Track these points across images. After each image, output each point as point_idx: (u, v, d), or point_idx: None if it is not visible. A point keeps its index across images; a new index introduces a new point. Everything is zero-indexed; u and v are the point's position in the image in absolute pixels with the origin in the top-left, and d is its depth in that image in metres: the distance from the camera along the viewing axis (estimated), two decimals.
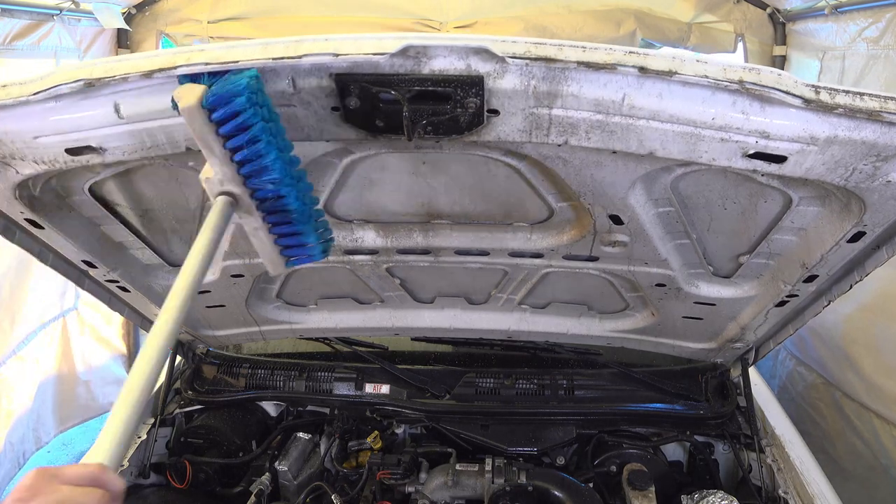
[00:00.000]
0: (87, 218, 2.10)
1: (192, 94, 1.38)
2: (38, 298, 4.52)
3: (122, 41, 5.18)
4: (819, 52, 4.51)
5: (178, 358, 3.18)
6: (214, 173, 1.52)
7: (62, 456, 5.38)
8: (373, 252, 2.40)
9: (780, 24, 5.08)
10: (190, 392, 3.11)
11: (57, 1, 4.30)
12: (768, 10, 5.10)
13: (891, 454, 3.68)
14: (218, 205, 1.54)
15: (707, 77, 1.35)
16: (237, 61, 1.37)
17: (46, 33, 4.28)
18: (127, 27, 4.99)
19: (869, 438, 3.84)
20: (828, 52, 4.40)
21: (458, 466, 2.75)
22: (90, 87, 1.43)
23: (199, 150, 1.64)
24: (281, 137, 1.48)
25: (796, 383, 4.60)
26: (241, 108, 1.38)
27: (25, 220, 1.94)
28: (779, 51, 5.08)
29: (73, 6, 4.41)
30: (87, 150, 1.61)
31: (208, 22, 5.13)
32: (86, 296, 2.53)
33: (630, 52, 1.34)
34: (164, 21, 5.21)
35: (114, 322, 5.52)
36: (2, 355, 4.17)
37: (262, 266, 2.43)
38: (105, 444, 1.24)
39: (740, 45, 5.22)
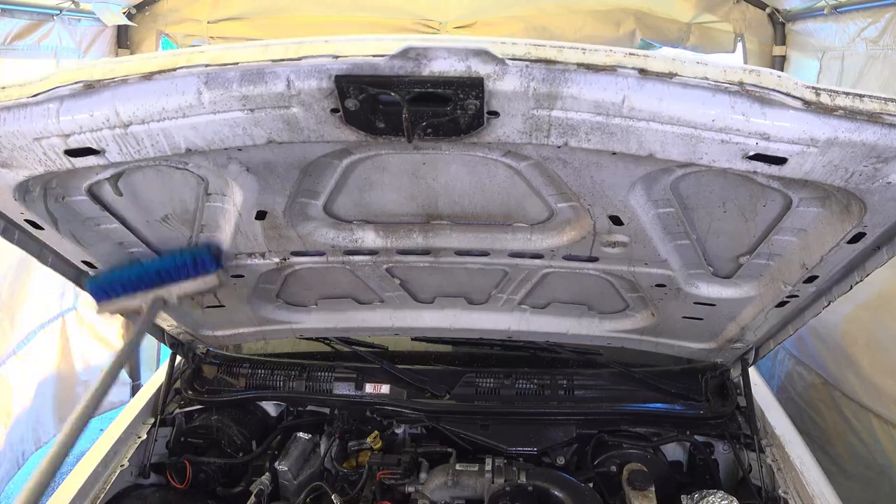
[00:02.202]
0: (86, 218, 2.09)
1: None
2: (38, 299, 4.52)
3: (122, 41, 5.18)
4: (818, 53, 4.51)
5: (178, 358, 3.18)
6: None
7: None
8: (373, 252, 2.40)
9: (780, 24, 5.08)
10: (190, 392, 3.12)
11: (57, 1, 4.30)
12: (768, 10, 5.10)
13: (889, 454, 3.68)
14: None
15: (707, 79, 1.35)
16: (237, 63, 1.37)
17: (47, 33, 4.28)
18: (129, 23, 4.99)
19: (867, 438, 3.84)
20: (827, 53, 4.40)
21: (458, 466, 2.75)
22: (89, 88, 1.43)
23: (199, 151, 1.65)
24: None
25: (795, 383, 4.60)
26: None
27: (25, 220, 1.94)
28: (778, 51, 5.09)
29: (73, 6, 4.42)
30: (86, 151, 1.61)
31: (208, 22, 5.13)
32: (85, 296, 2.53)
33: (630, 54, 1.34)
34: (164, 21, 5.21)
35: (113, 322, 5.52)
36: (2, 355, 4.17)
37: (263, 266, 2.45)
38: None
39: (740, 45, 5.23)
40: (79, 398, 5.05)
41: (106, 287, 2.27)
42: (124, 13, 4.97)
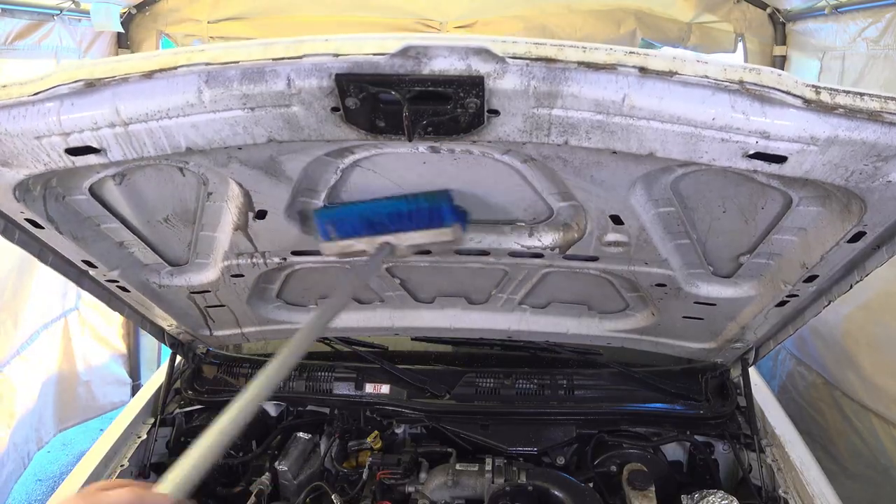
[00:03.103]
0: (87, 217, 2.09)
1: None
2: (41, 299, 4.52)
3: (122, 41, 5.18)
4: (819, 52, 4.51)
5: (178, 358, 3.18)
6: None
7: (62, 456, 5.39)
8: None
9: (780, 24, 5.08)
10: (190, 392, 3.12)
11: (57, 1, 4.30)
12: (768, 10, 5.10)
13: (890, 454, 3.68)
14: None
15: (707, 77, 1.35)
16: (238, 62, 1.38)
17: (47, 33, 4.28)
18: (121, 30, 4.98)
19: (869, 438, 3.84)
20: (828, 52, 4.40)
21: (458, 466, 2.75)
22: (90, 87, 1.43)
23: (199, 150, 1.65)
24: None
25: (797, 383, 4.60)
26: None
27: (25, 220, 1.94)
28: (779, 51, 5.09)
29: (73, 6, 4.42)
30: (87, 150, 1.60)
31: (208, 22, 5.13)
32: (87, 296, 2.54)
33: (630, 53, 1.34)
34: (164, 21, 5.21)
35: (114, 322, 5.53)
36: (5, 356, 4.17)
37: (262, 266, 2.45)
38: (175, 475, 1.36)
39: (740, 45, 5.23)
40: (80, 398, 5.09)
41: (334, 221, 2.08)
42: (124, 13, 4.97)
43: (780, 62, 5.06)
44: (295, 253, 2.40)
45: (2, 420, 4.14)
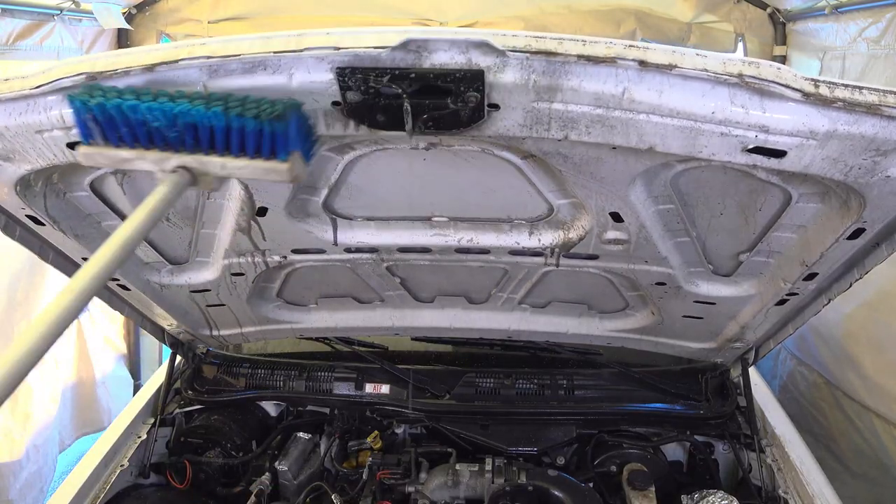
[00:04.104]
0: (88, 214, 2.09)
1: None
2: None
3: (123, 41, 5.19)
4: (819, 52, 4.52)
5: (178, 358, 3.18)
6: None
7: (62, 456, 5.37)
8: (373, 250, 2.40)
9: (781, 24, 5.09)
10: (190, 392, 3.11)
11: (58, 1, 4.31)
12: (768, 10, 5.11)
13: (892, 454, 3.68)
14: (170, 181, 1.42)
15: (707, 70, 1.35)
16: (239, 55, 1.38)
17: (48, 33, 4.29)
18: (127, 26, 4.99)
19: (870, 437, 3.84)
20: (828, 52, 4.40)
21: (458, 466, 2.75)
22: (93, 80, 1.43)
23: None
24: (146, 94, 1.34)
25: (798, 383, 4.60)
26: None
27: (26, 216, 1.94)
28: (779, 51, 5.09)
29: (73, 6, 4.42)
30: None
31: (209, 22, 5.14)
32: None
33: (630, 46, 1.35)
34: (165, 21, 5.22)
35: (116, 322, 5.53)
36: None
37: (263, 264, 2.45)
38: None
39: (740, 45, 5.23)
40: (100, 400, 5.08)
41: (101, 118, 1.39)
42: (124, 13, 4.98)
43: (781, 62, 5.05)
44: (295, 251, 2.40)
45: (17, 422, 4.13)
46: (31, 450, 4.21)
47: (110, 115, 1.37)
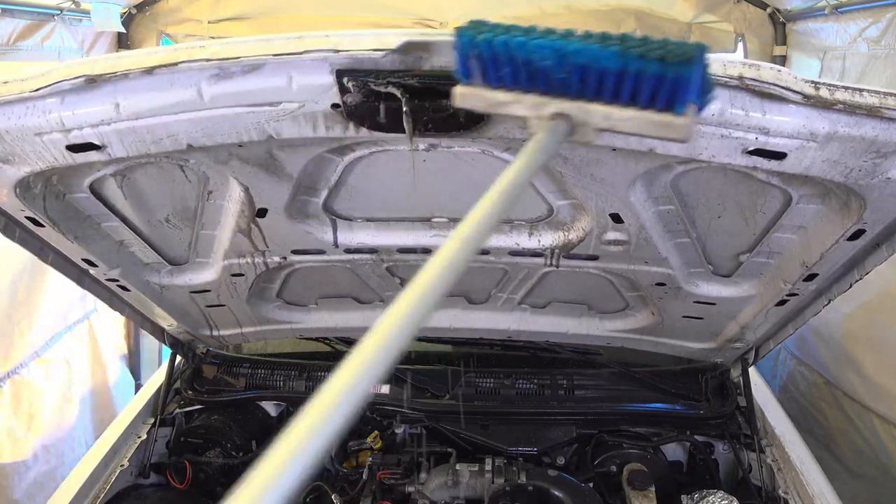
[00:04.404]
0: (87, 216, 2.09)
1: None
2: (58, 300, 4.50)
3: (123, 42, 5.18)
4: (819, 52, 4.51)
5: (178, 358, 3.18)
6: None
7: None
8: (373, 251, 2.40)
9: (781, 24, 5.08)
10: (190, 392, 3.11)
11: (58, 1, 4.30)
12: (768, 10, 5.10)
13: (892, 454, 3.68)
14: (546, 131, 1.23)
15: None
16: (238, 57, 1.38)
17: (49, 33, 4.28)
18: (123, 30, 4.98)
19: (870, 438, 3.84)
20: (828, 52, 4.39)
21: (457, 466, 2.75)
22: (92, 83, 1.43)
23: (200, 147, 1.65)
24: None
25: (798, 383, 4.59)
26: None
27: (26, 217, 1.94)
28: (779, 51, 5.08)
29: (73, 6, 4.42)
30: (88, 147, 1.61)
31: (209, 22, 5.13)
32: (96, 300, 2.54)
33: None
34: (165, 21, 5.21)
35: (118, 322, 5.52)
36: (22, 357, 4.15)
37: (263, 265, 2.45)
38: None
39: (740, 45, 5.23)
40: (113, 400, 5.06)
41: (485, 57, 1.25)
42: (124, 13, 4.97)
43: (781, 62, 5.05)
44: (295, 252, 2.40)
45: (21, 421, 4.12)
46: (40, 450, 4.19)
47: (496, 51, 1.23)
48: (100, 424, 4.86)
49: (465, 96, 1.30)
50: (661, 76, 1.13)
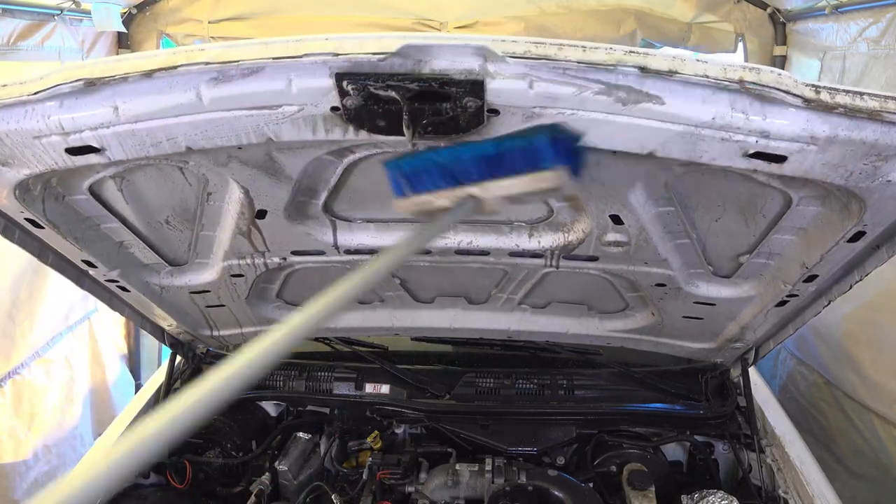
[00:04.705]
0: (87, 217, 2.09)
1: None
2: (60, 300, 4.50)
3: (123, 41, 5.17)
4: (819, 52, 4.50)
5: (178, 358, 3.18)
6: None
7: None
8: (373, 252, 2.40)
9: (781, 24, 5.07)
10: None
11: (58, 1, 4.29)
12: (769, 10, 5.09)
13: (892, 454, 3.68)
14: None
15: (707, 77, 1.35)
16: (237, 61, 1.38)
17: (49, 34, 4.27)
18: (123, 30, 4.98)
19: (870, 437, 3.84)
20: (828, 53, 4.39)
21: (457, 466, 2.75)
22: (91, 86, 1.43)
23: (199, 149, 1.65)
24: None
25: (798, 383, 4.60)
26: None
27: (25, 219, 1.94)
28: (779, 51, 5.08)
29: (73, 6, 4.41)
30: (87, 149, 1.61)
31: (209, 22, 5.12)
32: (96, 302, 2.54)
33: (630, 52, 1.34)
34: (165, 21, 5.20)
35: (118, 322, 5.53)
36: (23, 357, 4.16)
37: (262, 265, 2.45)
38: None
39: (740, 45, 5.22)
40: (113, 400, 5.07)
41: (408, 174, 1.71)
42: (124, 13, 4.96)
43: (781, 62, 5.05)
44: (295, 253, 2.40)
45: (22, 422, 4.12)
46: (42, 450, 4.19)
47: (418, 170, 1.68)
48: (99, 424, 4.86)
49: (401, 205, 1.75)
50: (524, 151, 1.54)
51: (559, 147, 1.54)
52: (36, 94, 1.44)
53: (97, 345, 5.00)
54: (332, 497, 2.65)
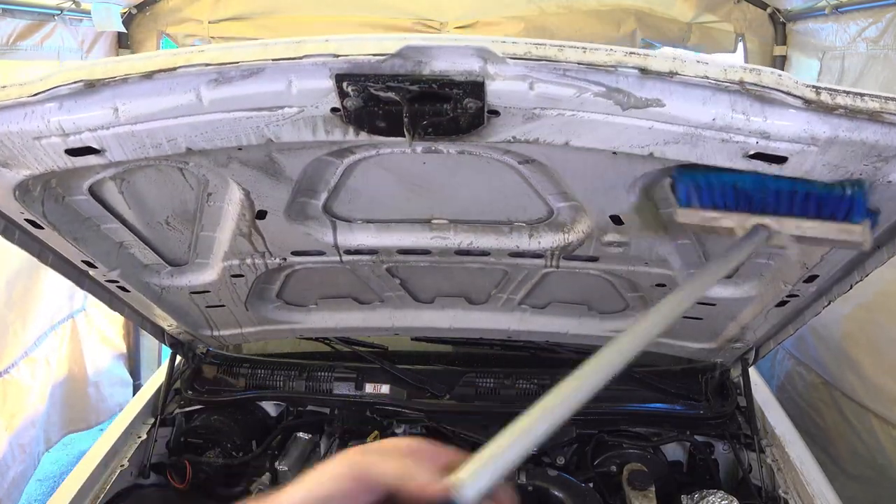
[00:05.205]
0: (87, 218, 2.09)
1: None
2: (50, 299, 4.51)
3: (123, 41, 5.18)
4: (819, 53, 4.51)
5: (178, 358, 3.18)
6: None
7: (62, 456, 5.39)
8: (373, 252, 2.40)
9: (781, 24, 5.08)
10: (190, 392, 3.11)
11: (58, 1, 4.30)
12: (769, 10, 5.10)
13: (890, 454, 3.68)
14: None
15: (707, 78, 1.35)
16: (237, 62, 1.37)
17: (49, 34, 4.28)
18: (123, 30, 4.98)
19: (868, 439, 3.84)
20: (827, 53, 4.39)
21: None
22: (90, 87, 1.43)
23: (199, 150, 1.65)
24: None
25: (795, 383, 4.60)
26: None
27: (25, 220, 1.93)
28: (779, 51, 5.08)
29: (73, 6, 4.41)
30: (87, 151, 1.60)
31: (209, 22, 5.13)
32: (92, 298, 2.54)
33: (631, 53, 1.34)
34: (165, 21, 5.21)
35: (117, 322, 5.53)
36: (14, 357, 4.16)
37: (262, 266, 2.45)
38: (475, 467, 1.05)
39: (740, 45, 5.22)
40: (91, 399, 5.09)
41: (699, 186, 1.72)
42: (124, 13, 4.96)
43: (781, 62, 5.06)
44: (295, 253, 2.40)
45: (5, 422, 4.13)
46: (17, 448, 4.20)
47: (711, 185, 1.69)
48: (67, 422, 4.87)
49: (684, 214, 1.78)
50: (833, 198, 1.55)
51: (868, 203, 1.58)
52: (36, 95, 1.44)
53: (78, 344, 5.01)
54: None
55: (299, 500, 1.00)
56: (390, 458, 1.03)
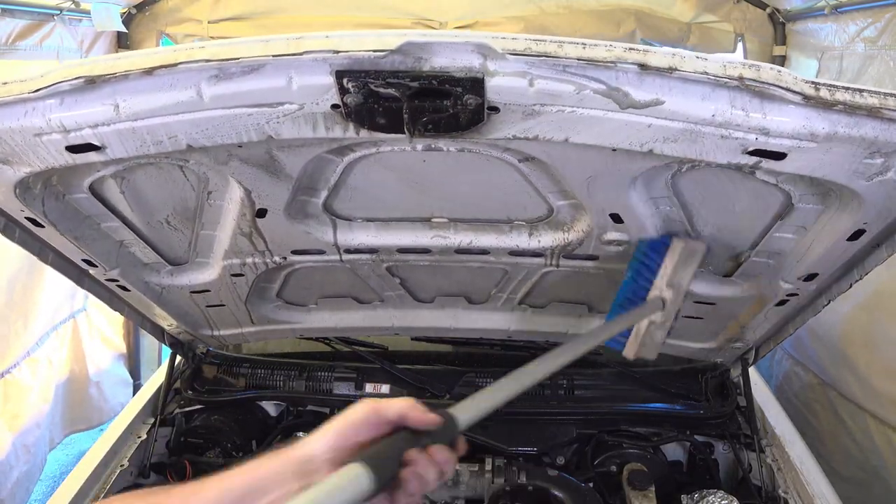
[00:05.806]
0: (87, 216, 2.09)
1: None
2: (51, 299, 4.51)
3: (123, 41, 5.18)
4: (818, 52, 4.51)
5: (178, 358, 3.18)
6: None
7: (62, 455, 5.39)
8: (373, 251, 2.40)
9: (780, 24, 5.08)
10: (190, 392, 3.11)
11: (57, 1, 4.30)
12: (768, 10, 5.10)
13: (884, 455, 3.67)
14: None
15: (707, 74, 1.35)
16: (238, 58, 1.38)
17: (48, 33, 4.28)
18: (123, 29, 4.98)
19: (862, 439, 3.83)
20: (826, 52, 4.40)
21: (458, 466, 2.74)
22: (91, 84, 1.43)
23: (200, 147, 1.65)
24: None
25: (793, 383, 4.59)
26: None
27: (26, 218, 1.93)
28: (778, 51, 5.08)
29: (73, 6, 4.41)
30: (87, 147, 1.60)
31: (209, 22, 5.13)
32: (93, 298, 2.54)
33: (630, 49, 1.34)
34: (165, 21, 5.21)
35: (116, 322, 5.53)
36: (16, 357, 4.16)
37: (262, 265, 2.45)
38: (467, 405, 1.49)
39: (740, 45, 5.23)
40: (93, 399, 5.09)
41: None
42: (123, 13, 4.97)
43: (780, 62, 5.05)
44: (295, 252, 2.40)
45: (7, 422, 4.13)
46: (21, 449, 4.19)
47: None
48: (71, 422, 4.86)
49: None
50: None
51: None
52: (36, 91, 1.44)
53: (79, 344, 5.01)
54: None
55: (337, 426, 1.35)
56: (396, 401, 1.38)
